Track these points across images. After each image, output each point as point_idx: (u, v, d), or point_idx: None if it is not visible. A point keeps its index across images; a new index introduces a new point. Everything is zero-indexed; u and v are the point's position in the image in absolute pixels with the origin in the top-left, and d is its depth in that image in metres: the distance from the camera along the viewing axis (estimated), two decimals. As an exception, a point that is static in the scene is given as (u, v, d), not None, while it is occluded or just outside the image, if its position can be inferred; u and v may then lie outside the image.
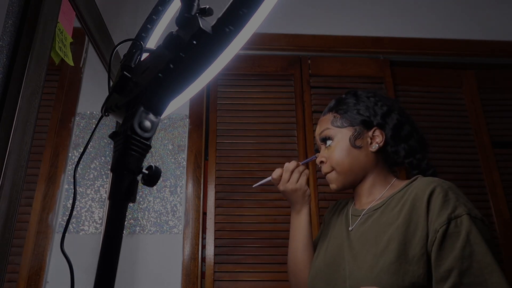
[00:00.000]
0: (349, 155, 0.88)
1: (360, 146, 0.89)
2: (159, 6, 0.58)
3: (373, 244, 0.77)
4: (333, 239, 0.92)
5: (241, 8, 0.38)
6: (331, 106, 0.96)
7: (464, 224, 0.70)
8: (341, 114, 0.92)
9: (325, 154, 0.92)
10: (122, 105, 0.42)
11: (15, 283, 1.28)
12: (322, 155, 0.93)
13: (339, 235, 0.90)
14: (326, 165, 0.92)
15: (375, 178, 0.90)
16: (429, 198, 0.74)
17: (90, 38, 1.17)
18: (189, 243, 1.50)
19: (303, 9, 1.93)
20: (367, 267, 0.74)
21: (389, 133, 0.90)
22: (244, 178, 1.60)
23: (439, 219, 0.71)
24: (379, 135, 0.89)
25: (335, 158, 0.89)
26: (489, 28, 1.94)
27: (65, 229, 0.44)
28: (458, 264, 0.67)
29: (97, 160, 1.54)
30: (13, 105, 0.69)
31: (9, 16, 0.73)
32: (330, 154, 0.91)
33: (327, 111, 0.97)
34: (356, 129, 0.90)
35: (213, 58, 0.39)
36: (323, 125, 0.95)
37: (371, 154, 0.89)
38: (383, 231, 0.77)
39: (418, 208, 0.75)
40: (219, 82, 1.75)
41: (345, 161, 0.88)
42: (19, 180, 0.69)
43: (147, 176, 0.39)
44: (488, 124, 1.77)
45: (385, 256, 0.73)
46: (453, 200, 0.72)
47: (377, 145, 0.89)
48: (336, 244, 0.89)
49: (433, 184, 0.76)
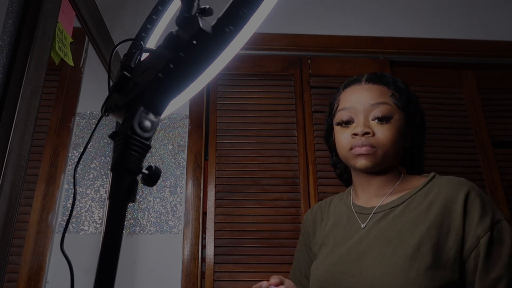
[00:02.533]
0: (396, 142, 0.79)
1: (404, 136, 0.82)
2: (159, 6, 0.58)
3: (399, 245, 0.71)
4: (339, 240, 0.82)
5: (241, 8, 0.38)
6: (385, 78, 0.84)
7: (504, 229, 0.68)
8: (400, 95, 0.82)
9: (375, 129, 0.79)
10: (122, 105, 0.42)
11: (15, 283, 1.28)
12: (369, 126, 0.79)
13: (347, 237, 0.80)
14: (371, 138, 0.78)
15: (392, 173, 0.84)
16: (466, 200, 0.70)
17: (90, 38, 1.17)
18: (189, 243, 1.50)
19: (303, 9, 1.93)
20: (399, 270, 0.68)
21: (419, 138, 0.86)
22: (244, 178, 1.60)
23: (481, 224, 0.68)
24: (412, 133, 0.85)
25: (388, 139, 0.78)
26: (489, 28, 1.94)
27: (65, 229, 0.44)
28: (507, 271, 0.65)
29: (97, 160, 1.54)
30: (13, 105, 0.69)
31: (9, 16, 0.73)
32: (384, 132, 0.78)
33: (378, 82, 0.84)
34: (407, 118, 0.82)
35: (213, 58, 0.39)
36: (379, 96, 0.81)
37: (402, 149, 0.83)
38: (409, 231, 0.72)
39: (452, 210, 0.71)
40: (219, 82, 1.75)
41: (391, 147, 0.79)
42: (19, 180, 0.69)
43: (147, 176, 0.39)
44: (488, 124, 1.77)
45: (419, 260, 0.68)
46: (490, 205, 0.70)
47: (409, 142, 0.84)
48: (345, 246, 0.79)
49: (465, 186, 0.73)
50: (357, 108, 0.81)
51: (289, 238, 1.52)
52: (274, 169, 1.62)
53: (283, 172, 1.61)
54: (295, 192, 1.59)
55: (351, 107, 0.82)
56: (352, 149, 0.80)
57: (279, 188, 1.59)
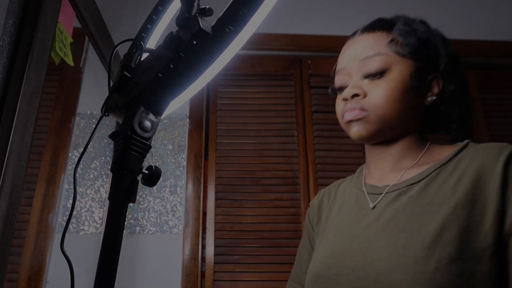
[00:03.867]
0: (402, 99, 0.62)
1: (419, 90, 0.64)
2: (159, 6, 0.58)
3: (415, 231, 0.54)
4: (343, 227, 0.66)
5: (241, 8, 0.38)
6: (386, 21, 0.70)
7: None
8: (405, 37, 0.66)
9: (365, 87, 0.64)
10: (122, 105, 0.42)
11: (15, 283, 1.29)
12: (359, 86, 0.65)
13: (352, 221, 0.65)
14: (361, 100, 0.64)
15: (411, 140, 0.67)
16: (506, 168, 0.53)
17: (90, 38, 1.17)
18: (189, 243, 1.50)
19: (303, 9, 1.93)
20: (412, 263, 0.51)
21: (451, 88, 0.66)
22: (244, 178, 1.60)
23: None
24: (436, 85, 0.67)
25: (382, 98, 0.62)
26: (489, 28, 1.94)
27: (65, 229, 0.44)
28: None
29: (97, 160, 1.54)
30: (13, 105, 0.69)
31: (9, 16, 0.73)
32: (376, 89, 0.63)
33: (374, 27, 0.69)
34: (419, 66, 0.65)
35: (213, 58, 0.39)
36: (371, 46, 0.66)
37: (421, 105, 0.66)
38: (430, 214, 0.55)
39: (486, 182, 0.54)
40: (219, 82, 1.76)
41: (390, 107, 0.62)
42: (19, 180, 0.69)
43: (147, 176, 0.39)
44: (488, 124, 1.77)
45: (440, 249, 0.51)
46: None
47: (434, 97, 0.66)
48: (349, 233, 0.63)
49: (506, 150, 0.55)
50: (348, 67, 0.68)
51: (289, 238, 1.52)
52: (274, 169, 1.62)
53: (283, 172, 1.61)
54: (295, 192, 1.59)
55: (344, 67, 0.69)
56: (343, 117, 0.67)
57: (279, 188, 1.59)
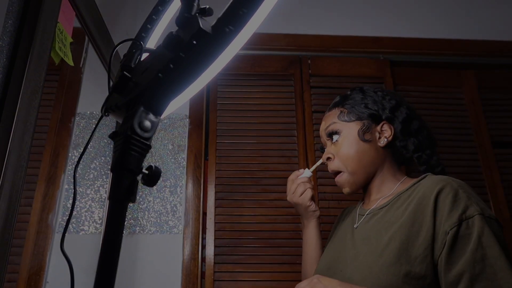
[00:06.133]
0: (358, 150, 0.85)
1: (369, 140, 0.86)
2: (159, 6, 0.58)
3: (374, 243, 0.74)
4: (337, 241, 0.90)
5: (241, 8, 0.38)
6: (337, 101, 0.93)
7: (476, 225, 0.65)
8: (348, 109, 0.89)
9: (332, 150, 0.89)
10: (122, 105, 0.42)
11: (15, 283, 1.28)
12: (329, 151, 0.90)
13: (343, 236, 0.88)
14: (333, 161, 0.89)
15: (384, 174, 0.87)
16: (437, 197, 0.69)
17: (90, 38, 1.17)
18: (189, 243, 1.50)
19: (303, 9, 1.93)
20: (366, 267, 0.71)
21: (398, 127, 0.87)
22: (244, 178, 1.60)
23: (449, 220, 0.66)
24: (387, 129, 0.87)
25: (344, 153, 0.86)
26: (489, 28, 1.94)
27: (65, 229, 0.44)
28: (470, 268, 0.63)
29: (97, 160, 1.54)
30: (13, 105, 0.69)
31: (9, 16, 0.73)
32: (338, 150, 0.88)
33: (332, 107, 0.94)
34: (365, 123, 0.87)
35: (213, 58, 0.39)
36: (329, 120, 0.92)
37: (380, 149, 0.86)
38: (385, 230, 0.74)
39: (424, 206, 0.71)
40: (219, 82, 1.75)
41: (354, 156, 0.85)
42: (19, 180, 0.69)
43: (147, 176, 0.39)
44: (488, 124, 1.77)
45: (385, 256, 0.69)
46: (464, 200, 0.68)
47: (386, 139, 0.86)
48: (339, 246, 0.86)
49: (442, 182, 0.71)
50: (322, 136, 0.94)
51: (289, 238, 1.52)
52: (274, 169, 1.62)
53: (283, 172, 1.61)
54: (295, 192, 1.59)
55: (320, 136, 0.95)
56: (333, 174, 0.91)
57: (279, 188, 1.59)
